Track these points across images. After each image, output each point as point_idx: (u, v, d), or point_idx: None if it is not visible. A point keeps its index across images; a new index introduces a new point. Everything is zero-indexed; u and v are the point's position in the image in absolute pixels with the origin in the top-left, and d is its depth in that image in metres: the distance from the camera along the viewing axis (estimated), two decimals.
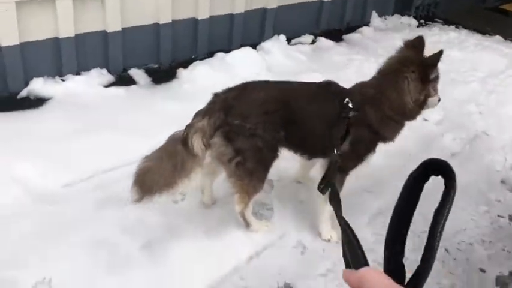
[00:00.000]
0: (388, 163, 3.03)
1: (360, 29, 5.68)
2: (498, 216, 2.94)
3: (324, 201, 2.37)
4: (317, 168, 2.53)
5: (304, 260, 2.48)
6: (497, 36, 5.96)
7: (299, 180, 2.99)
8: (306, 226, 2.65)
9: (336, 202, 1.45)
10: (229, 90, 2.36)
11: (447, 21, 6.37)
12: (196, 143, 2.24)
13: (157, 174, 2.28)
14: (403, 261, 0.75)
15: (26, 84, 3.58)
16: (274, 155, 2.40)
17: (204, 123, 2.25)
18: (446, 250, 2.59)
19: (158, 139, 2.36)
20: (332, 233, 2.58)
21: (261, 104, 2.31)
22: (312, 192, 2.46)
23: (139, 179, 2.26)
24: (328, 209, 2.42)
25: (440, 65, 2.31)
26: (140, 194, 2.24)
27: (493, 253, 2.65)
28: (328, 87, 2.42)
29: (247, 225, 2.57)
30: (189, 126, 2.28)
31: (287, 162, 2.73)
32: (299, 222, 2.68)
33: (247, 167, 2.33)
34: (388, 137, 2.43)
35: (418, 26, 6.12)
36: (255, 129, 2.26)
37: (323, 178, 2.30)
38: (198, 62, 4.26)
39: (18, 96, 3.54)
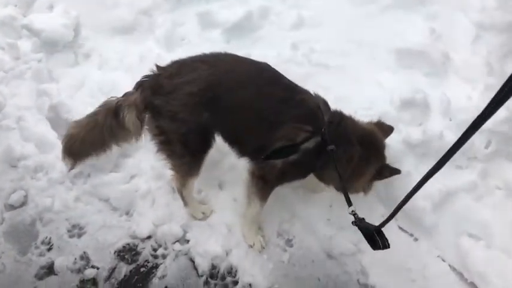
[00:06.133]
0: None
1: None
2: None
3: (248, 204, 2.37)
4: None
5: None
6: None
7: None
8: None
9: None
10: (170, 65, 2.26)
11: None
12: (129, 117, 2.20)
13: (86, 143, 2.28)
14: None
15: None
16: (205, 142, 2.28)
17: (136, 97, 2.21)
18: None
19: None
20: (256, 239, 2.49)
21: (187, 84, 2.15)
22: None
23: (67, 146, 2.29)
24: (251, 213, 2.39)
25: None
26: (72, 162, 2.33)
27: None
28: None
29: (184, 204, 2.56)
30: (123, 98, 2.23)
31: None
32: None
33: (174, 149, 2.30)
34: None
35: None
36: (176, 112, 2.16)
37: None
38: None
39: None
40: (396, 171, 2.19)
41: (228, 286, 2.43)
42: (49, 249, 2.63)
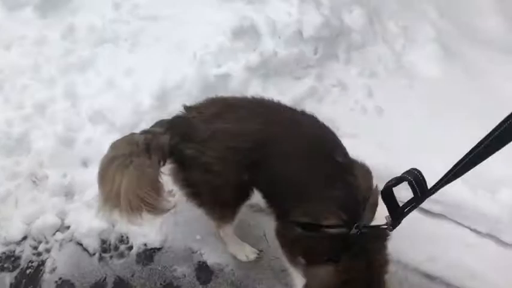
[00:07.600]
0: None
1: None
2: None
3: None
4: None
5: None
6: None
7: None
8: None
9: None
10: (205, 105, 1.96)
11: None
12: (155, 157, 1.89)
13: None
14: None
15: None
16: (240, 196, 2.03)
17: (165, 143, 1.89)
18: None
19: None
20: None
21: (230, 136, 1.85)
22: None
23: None
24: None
25: None
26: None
27: None
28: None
29: (224, 243, 2.36)
30: (151, 136, 1.91)
31: None
32: None
33: (203, 200, 2.06)
34: None
35: None
36: (211, 164, 1.87)
37: None
38: None
39: None
40: None
41: (124, 254, 2.42)
42: None
